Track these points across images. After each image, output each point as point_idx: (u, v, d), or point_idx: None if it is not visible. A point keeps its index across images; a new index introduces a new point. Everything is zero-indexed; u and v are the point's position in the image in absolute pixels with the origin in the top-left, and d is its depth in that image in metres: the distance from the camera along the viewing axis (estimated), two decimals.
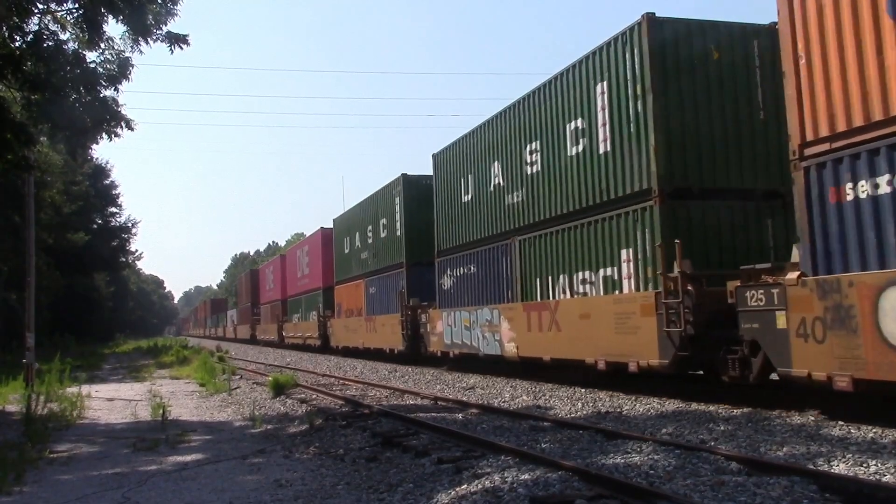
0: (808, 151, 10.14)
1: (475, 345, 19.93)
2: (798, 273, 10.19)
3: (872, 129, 9.31)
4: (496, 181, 19.37)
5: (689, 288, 12.06)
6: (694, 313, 11.98)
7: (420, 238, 24.84)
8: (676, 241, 12.22)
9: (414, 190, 25.90)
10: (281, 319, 49.18)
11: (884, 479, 6.75)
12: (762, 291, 10.72)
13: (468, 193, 21.18)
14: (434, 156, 23.82)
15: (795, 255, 10.48)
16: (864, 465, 7.27)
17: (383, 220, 28.15)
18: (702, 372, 13.50)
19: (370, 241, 29.83)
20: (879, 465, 7.23)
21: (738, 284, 11.26)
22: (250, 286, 64.77)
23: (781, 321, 10.28)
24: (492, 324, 18.94)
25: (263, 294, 59.03)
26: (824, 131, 9.96)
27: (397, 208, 26.57)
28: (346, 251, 33.71)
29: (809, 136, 10.16)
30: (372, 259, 29.48)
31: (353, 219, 32.87)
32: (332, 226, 37.28)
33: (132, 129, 16.27)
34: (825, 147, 9.92)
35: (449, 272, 22.43)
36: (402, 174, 26.16)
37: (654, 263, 12.87)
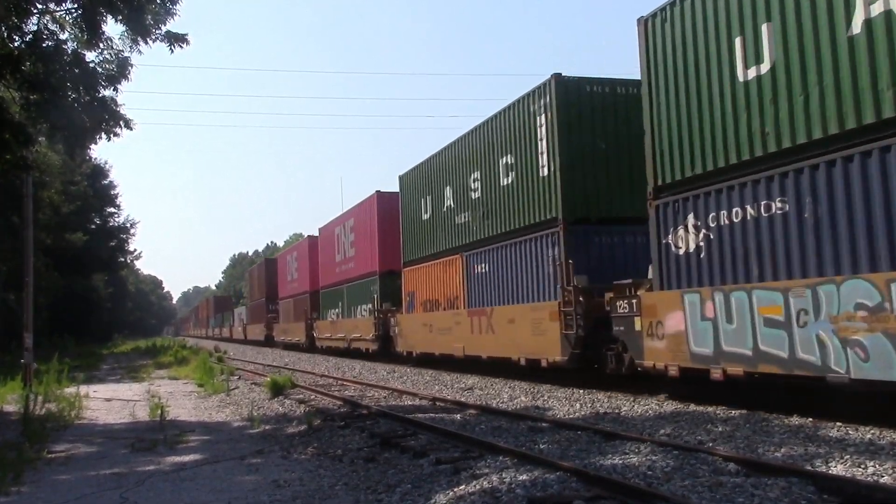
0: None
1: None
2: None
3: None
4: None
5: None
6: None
7: (584, 179, 16.14)
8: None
9: (574, 98, 16.37)
10: (310, 316, 40.54)
11: (881, 481, 6.76)
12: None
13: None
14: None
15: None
16: (862, 466, 7.29)
17: (507, 159, 18.70)
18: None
19: (476, 194, 20.53)
20: (877, 466, 7.24)
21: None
22: (265, 278, 56.47)
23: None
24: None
25: (283, 287, 50.12)
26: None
27: (542, 132, 16.88)
28: (425, 216, 24.39)
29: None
30: (482, 221, 20.15)
31: (439, 168, 23.24)
32: (388, 193, 29.49)
33: (131, 129, 16.27)
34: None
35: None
36: (554, 75, 16.48)
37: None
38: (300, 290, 44.01)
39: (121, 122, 15.98)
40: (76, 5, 15.02)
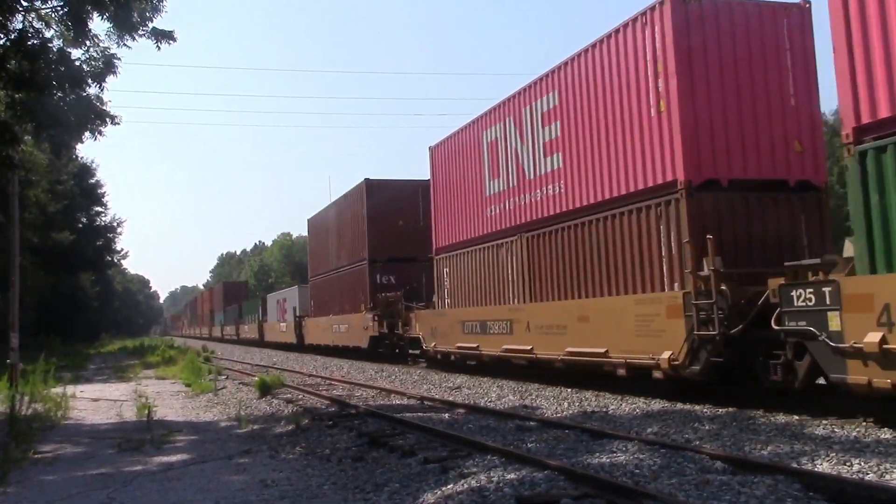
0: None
1: None
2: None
3: None
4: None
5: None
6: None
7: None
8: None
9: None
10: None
11: (867, 478, 6.80)
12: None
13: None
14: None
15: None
16: (848, 463, 7.33)
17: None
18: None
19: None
20: (862, 463, 7.29)
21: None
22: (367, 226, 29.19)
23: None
24: None
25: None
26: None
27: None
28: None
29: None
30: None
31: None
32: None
33: (117, 125, 16.18)
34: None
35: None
36: None
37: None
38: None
39: (106, 120, 15.89)
40: (62, 2, 14.93)
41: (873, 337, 8.77)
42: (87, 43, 15.10)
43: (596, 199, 14.56)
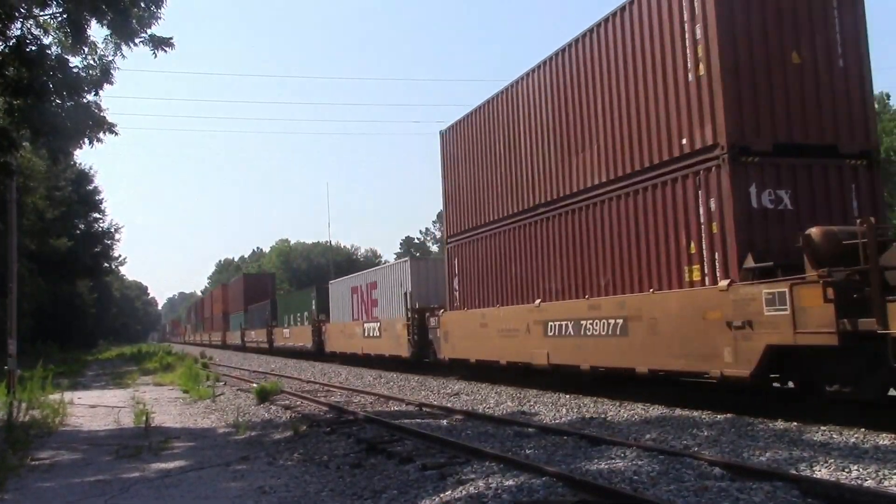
0: None
1: None
2: None
3: None
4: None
5: None
6: None
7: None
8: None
9: None
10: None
11: (865, 484, 6.80)
12: None
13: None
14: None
15: None
16: (846, 469, 7.33)
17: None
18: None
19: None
20: (861, 469, 7.28)
21: None
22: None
23: None
24: None
25: None
26: None
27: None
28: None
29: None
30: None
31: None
32: None
33: (116, 134, 16.19)
34: None
35: None
36: None
37: None
38: None
39: (105, 128, 15.89)
40: (61, 9, 14.95)
41: None
42: (86, 50, 15.12)
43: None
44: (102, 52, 15.16)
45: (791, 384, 11.50)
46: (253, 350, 53.95)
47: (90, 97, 15.52)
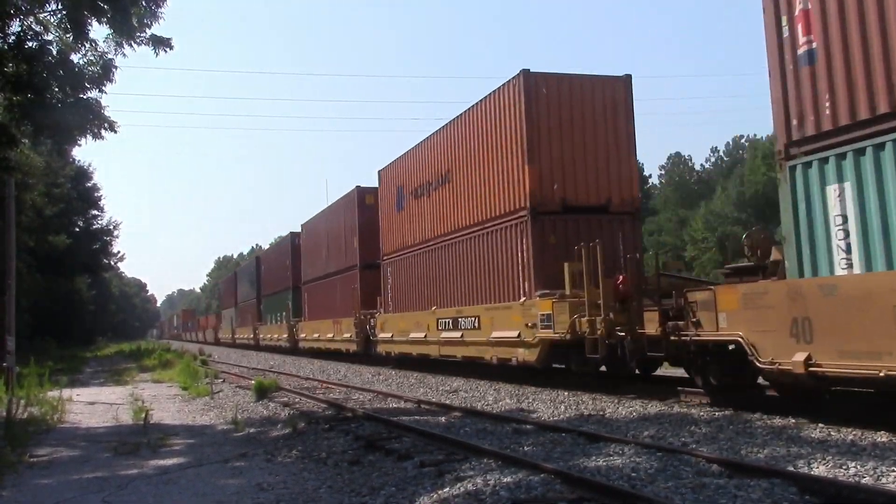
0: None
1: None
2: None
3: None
4: None
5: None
6: None
7: None
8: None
9: None
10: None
11: (863, 482, 6.81)
12: None
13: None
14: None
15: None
16: (844, 467, 7.34)
17: None
18: None
19: None
20: (859, 467, 7.30)
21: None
22: None
23: None
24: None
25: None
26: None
27: None
28: None
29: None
30: None
31: None
32: None
33: (115, 132, 16.20)
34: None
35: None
36: None
37: None
38: None
39: (105, 125, 15.90)
40: (60, 6, 14.94)
41: None
42: (86, 47, 15.12)
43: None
44: (104, 51, 15.17)
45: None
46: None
47: (91, 94, 15.53)
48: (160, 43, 15.04)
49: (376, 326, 26.38)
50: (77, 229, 62.89)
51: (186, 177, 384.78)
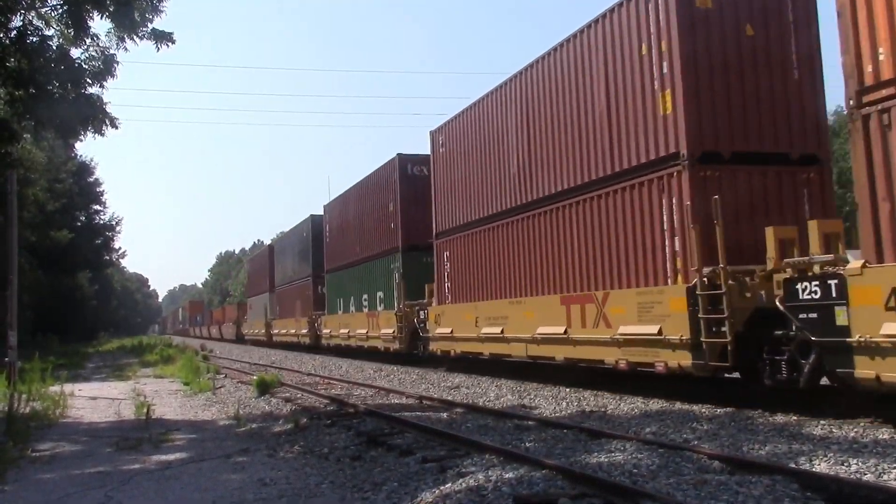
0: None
1: None
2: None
3: None
4: None
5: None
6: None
7: None
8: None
9: None
10: None
11: (864, 478, 6.81)
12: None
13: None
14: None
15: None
16: (846, 463, 7.34)
17: None
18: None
19: None
20: (860, 463, 7.29)
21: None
22: None
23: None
24: None
25: None
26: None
27: None
28: None
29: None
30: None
31: None
32: None
33: (117, 128, 16.20)
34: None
35: None
36: None
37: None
38: None
39: (107, 120, 15.90)
40: (61, 2, 14.93)
41: None
42: (87, 42, 15.11)
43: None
44: (105, 45, 15.16)
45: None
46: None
47: (93, 89, 15.53)
48: (162, 37, 15.04)
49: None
50: (79, 224, 63.02)
51: (189, 172, 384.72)
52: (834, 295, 9.35)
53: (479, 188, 19.23)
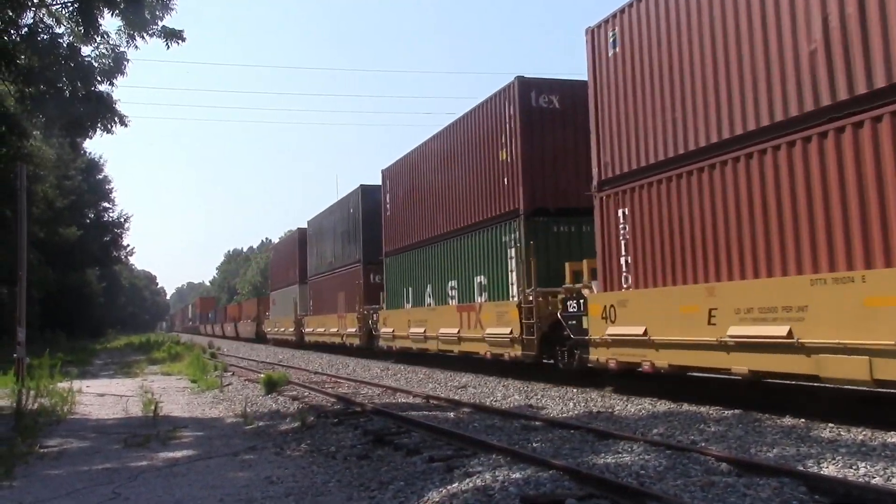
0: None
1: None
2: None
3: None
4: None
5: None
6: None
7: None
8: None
9: None
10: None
11: (873, 481, 6.78)
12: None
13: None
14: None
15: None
16: (854, 466, 7.31)
17: None
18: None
19: None
20: (869, 467, 7.27)
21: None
22: None
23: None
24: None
25: None
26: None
27: None
28: None
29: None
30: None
31: None
32: None
33: (126, 126, 16.26)
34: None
35: None
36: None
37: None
38: None
39: (116, 118, 15.95)
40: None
41: None
42: (97, 40, 15.16)
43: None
44: (115, 43, 15.21)
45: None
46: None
47: (102, 87, 15.58)
48: (172, 35, 15.08)
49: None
50: (88, 221, 63.24)
51: (197, 170, 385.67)
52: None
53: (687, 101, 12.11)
